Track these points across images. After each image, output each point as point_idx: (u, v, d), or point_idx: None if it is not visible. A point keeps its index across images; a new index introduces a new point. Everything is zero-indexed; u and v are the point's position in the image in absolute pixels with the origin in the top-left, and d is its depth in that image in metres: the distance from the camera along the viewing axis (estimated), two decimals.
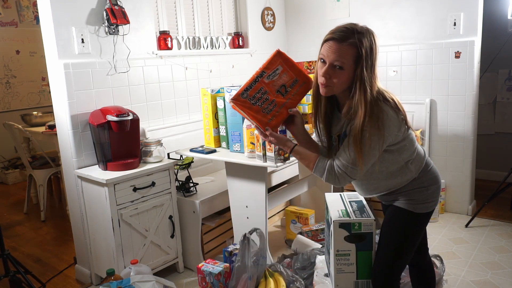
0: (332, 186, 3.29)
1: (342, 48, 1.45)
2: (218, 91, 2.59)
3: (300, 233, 2.84)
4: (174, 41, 3.19)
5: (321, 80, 1.51)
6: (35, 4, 5.66)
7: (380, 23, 3.59)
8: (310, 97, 1.68)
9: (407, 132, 1.56)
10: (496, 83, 4.16)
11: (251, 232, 2.31)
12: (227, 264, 2.31)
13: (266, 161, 2.22)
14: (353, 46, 1.44)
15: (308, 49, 4.06)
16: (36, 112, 4.53)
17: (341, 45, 1.45)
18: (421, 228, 1.69)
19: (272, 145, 2.15)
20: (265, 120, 1.65)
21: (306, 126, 2.45)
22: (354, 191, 1.97)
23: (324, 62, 1.50)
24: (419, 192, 1.62)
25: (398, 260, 1.68)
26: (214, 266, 2.27)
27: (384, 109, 1.47)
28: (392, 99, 1.51)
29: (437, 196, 1.67)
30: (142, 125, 2.84)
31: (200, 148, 2.61)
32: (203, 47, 3.38)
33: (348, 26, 1.47)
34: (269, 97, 1.64)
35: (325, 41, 1.49)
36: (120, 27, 2.74)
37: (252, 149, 2.31)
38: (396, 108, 1.50)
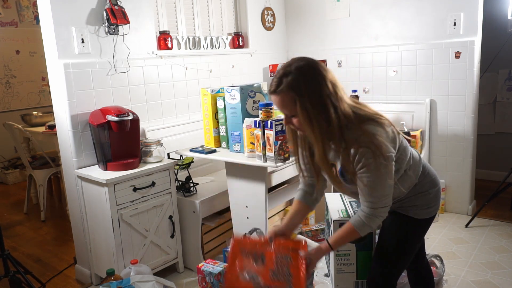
0: (332, 186, 3.29)
1: (278, 99, 1.42)
2: (218, 91, 2.59)
3: (300, 233, 2.84)
4: (174, 41, 3.19)
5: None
6: (35, 4, 5.66)
7: (380, 23, 3.59)
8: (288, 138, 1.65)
9: (400, 141, 1.52)
10: (496, 83, 4.16)
11: (251, 232, 2.31)
12: (227, 264, 2.30)
13: (266, 161, 2.22)
14: (286, 93, 1.39)
15: (308, 49, 4.05)
16: (36, 112, 4.53)
17: (276, 96, 1.43)
18: (422, 233, 1.68)
19: (272, 145, 2.15)
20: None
21: None
22: None
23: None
24: (421, 197, 1.60)
25: (396, 266, 1.66)
26: (214, 266, 2.27)
27: (367, 130, 1.41)
28: (367, 115, 1.45)
29: (438, 199, 1.65)
30: (142, 125, 2.84)
31: (200, 148, 2.61)
32: (203, 47, 3.38)
33: (278, 74, 1.42)
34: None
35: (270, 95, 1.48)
36: (120, 27, 2.74)
37: (252, 149, 2.31)
38: (378, 123, 1.44)
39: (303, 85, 1.37)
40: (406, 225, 1.62)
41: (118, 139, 2.53)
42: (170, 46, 3.07)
